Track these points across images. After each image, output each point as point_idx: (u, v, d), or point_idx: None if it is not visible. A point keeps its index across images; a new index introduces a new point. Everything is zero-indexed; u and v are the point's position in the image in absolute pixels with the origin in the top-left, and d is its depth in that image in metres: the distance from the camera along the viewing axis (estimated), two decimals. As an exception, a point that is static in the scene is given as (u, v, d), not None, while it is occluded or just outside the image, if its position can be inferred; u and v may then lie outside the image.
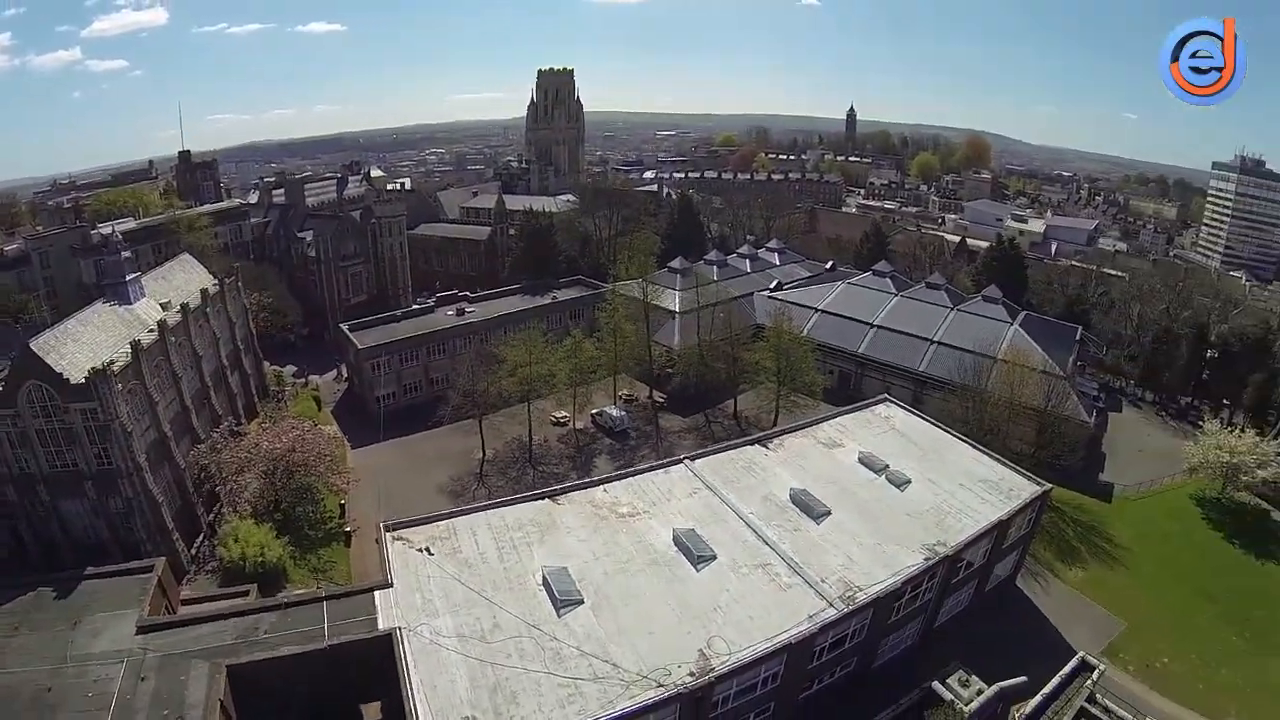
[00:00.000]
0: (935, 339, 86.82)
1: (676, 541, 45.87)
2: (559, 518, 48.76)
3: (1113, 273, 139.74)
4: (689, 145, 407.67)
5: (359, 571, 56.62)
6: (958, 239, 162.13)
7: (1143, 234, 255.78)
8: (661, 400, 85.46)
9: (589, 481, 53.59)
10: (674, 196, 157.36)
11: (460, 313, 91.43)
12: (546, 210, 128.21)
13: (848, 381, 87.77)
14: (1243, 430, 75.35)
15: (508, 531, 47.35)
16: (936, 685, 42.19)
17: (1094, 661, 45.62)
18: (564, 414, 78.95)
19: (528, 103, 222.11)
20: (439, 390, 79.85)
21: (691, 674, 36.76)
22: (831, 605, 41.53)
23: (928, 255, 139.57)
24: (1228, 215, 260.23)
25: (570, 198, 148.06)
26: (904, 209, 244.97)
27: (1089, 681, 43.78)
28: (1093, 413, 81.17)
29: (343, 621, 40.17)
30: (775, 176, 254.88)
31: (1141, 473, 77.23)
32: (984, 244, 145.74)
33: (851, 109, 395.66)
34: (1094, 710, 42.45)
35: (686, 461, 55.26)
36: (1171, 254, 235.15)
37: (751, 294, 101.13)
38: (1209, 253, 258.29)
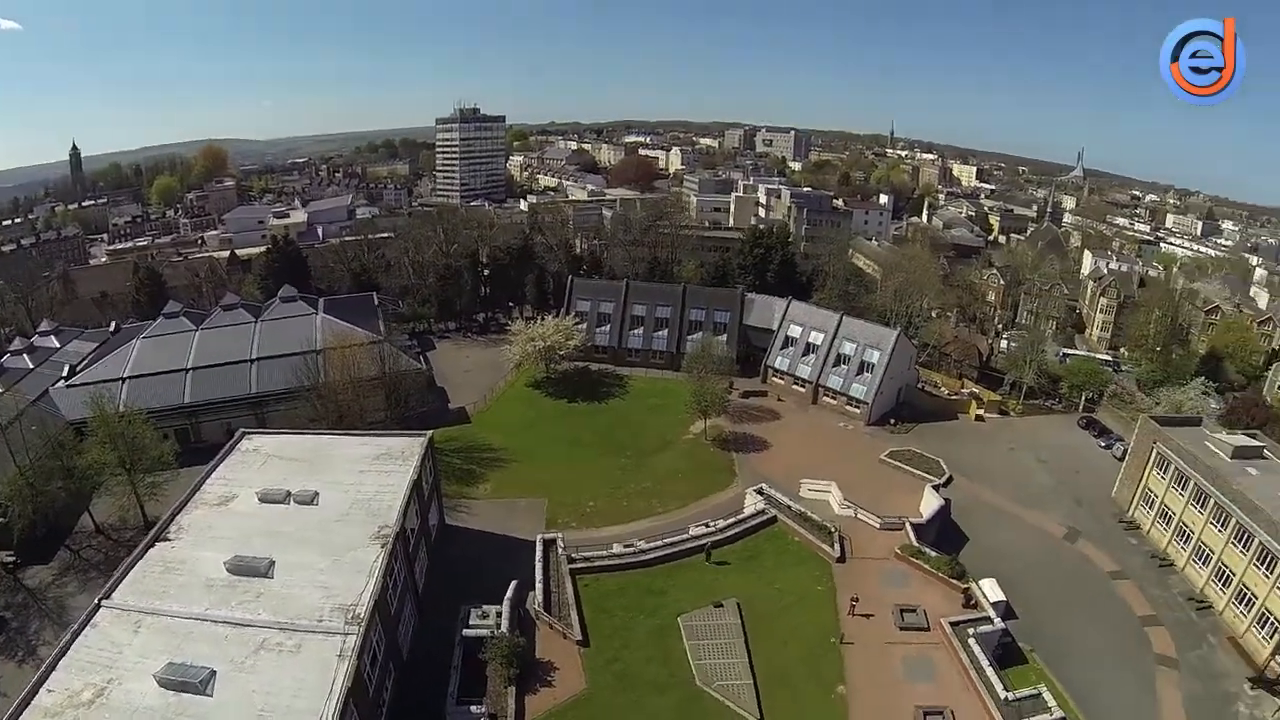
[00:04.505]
0: (254, 357, 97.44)
1: (166, 684, 43.85)
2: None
3: (381, 235, 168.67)
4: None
5: None
6: (227, 253, 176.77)
7: (386, 194, 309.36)
8: (12, 559, 76.32)
9: (24, 697, 45.48)
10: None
11: None
12: None
13: (187, 436, 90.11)
14: (541, 319, 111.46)
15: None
16: (466, 631, 53.78)
17: (551, 535, 65.80)
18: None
19: None
20: None
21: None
22: (347, 634, 47.06)
23: (205, 280, 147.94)
24: (457, 158, 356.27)
25: None
26: (158, 241, 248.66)
27: (560, 549, 63.53)
28: (418, 359, 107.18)
29: None
30: (7, 248, 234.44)
31: (479, 388, 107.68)
32: (257, 250, 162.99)
33: (75, 148, 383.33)
34: (579, 565, 62.49)
35: (103, 604, 51.68)
36: (416, 203, 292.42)
37: (47, 391, 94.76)
38: (448, 193, 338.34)
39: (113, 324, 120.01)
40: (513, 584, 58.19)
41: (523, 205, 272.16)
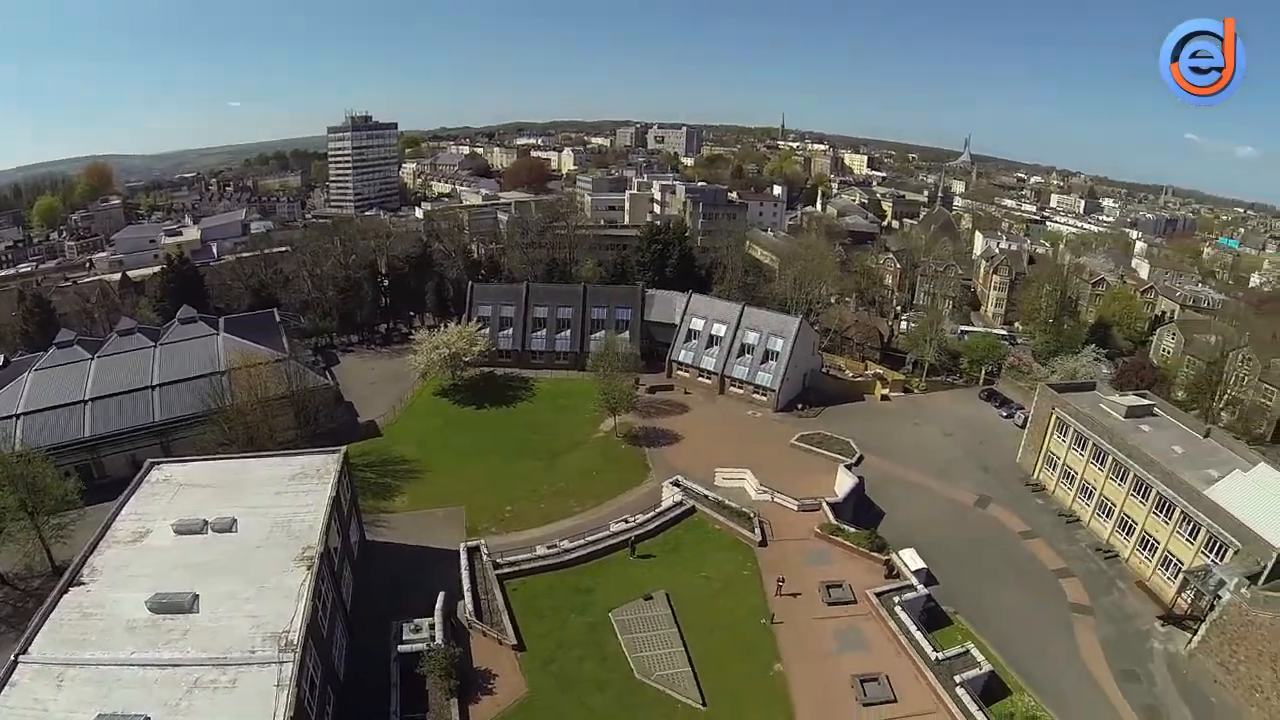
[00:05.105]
0: (156, 383, 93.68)
1: (99, 741, 42.44)
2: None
3: (278, 250, 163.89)
4: None
5: None
6: (119, 276, 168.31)
7: (279, 207, 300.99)
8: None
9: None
10: None
11: None
12: None
13: (90, 472, 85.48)
14: (444, 327, 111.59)
15: None
16: (401, 647, 53.35)
17: (474, 543, 66.11)
18: None
19: None
20: None
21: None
22: (282, 662, 45.76)
23: (97, 305, 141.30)
24: (350, 167, 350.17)
25: None
26: (43, 266, 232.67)
27: (484, 556, 64.00)
28: (324, 374, 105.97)
29: None
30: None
31: (387, 399, 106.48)
32: (150, 271, 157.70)
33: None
34: (505, 570, 62.93)
35: (20, 660, 48.56)
36: (310, 215, 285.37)
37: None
38: (342, 203, 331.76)
39: (1, 358, 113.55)
40: (441, 595, 57.90)
41: (418, 213, 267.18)
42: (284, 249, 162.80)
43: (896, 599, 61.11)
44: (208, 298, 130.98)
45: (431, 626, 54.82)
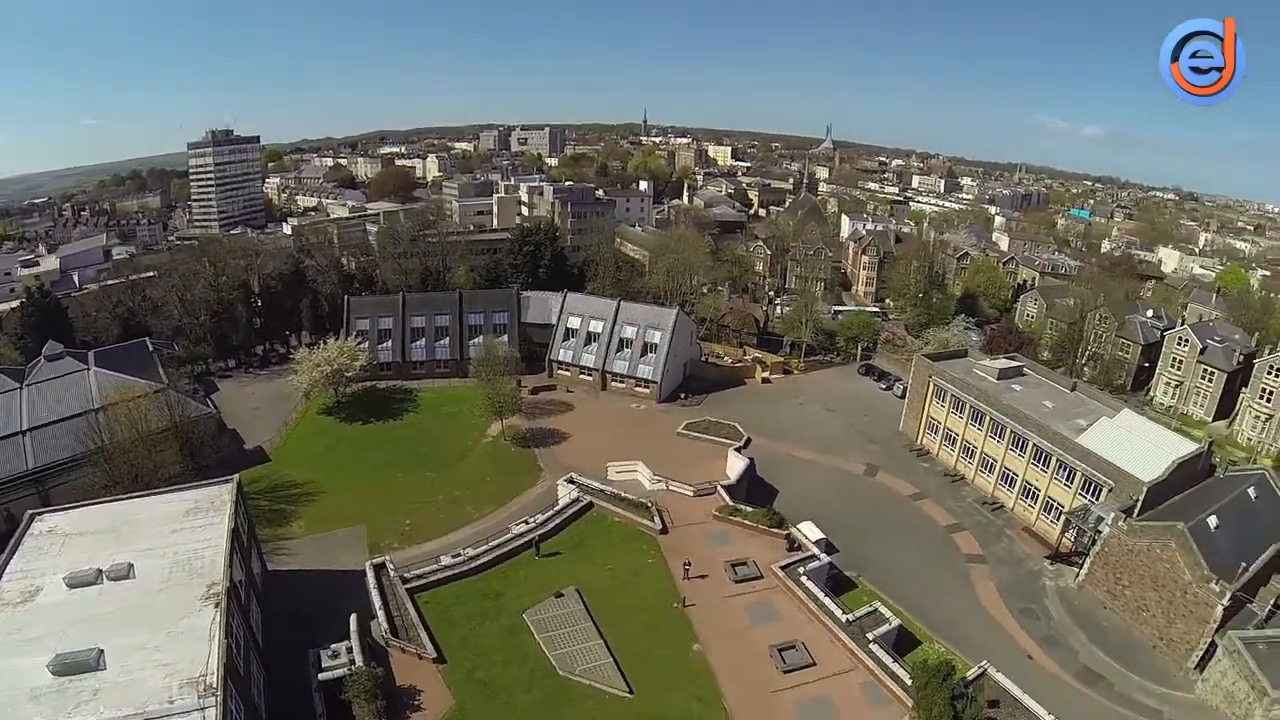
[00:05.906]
0: (26, 428, 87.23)
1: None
2: None
3: (144, 275, 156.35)
4: None
5: None
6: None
7: (139, 230, 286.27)
8: None
9: None
10: None
11: None
12: None
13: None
14: (322, 344, 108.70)
15: None
16: (323, 675, 52.41)
17: (378, 560, 65.75)
18: None
19: None
20: None
21: None
22: (204, 708, 43.50)
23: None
24: (213, 184, 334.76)
25: None
26: None
27: (391, 572, 63.85)
28: (205, 402, 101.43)
29: None
30: None
31: (271, 423, 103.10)
32: (7, 306, 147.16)
33: None
34: (413, 583, 62.93)
35: None
36: (174, 237, 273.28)
37: None
38: (206, 223, 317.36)
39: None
40: (353, 616, 56.95)
41: (286, 229, 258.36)
42: (150, 274, 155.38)
43: (801, 570, 63.84)
44: (73, 331, 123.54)
45: (349, 650, 53.82)
